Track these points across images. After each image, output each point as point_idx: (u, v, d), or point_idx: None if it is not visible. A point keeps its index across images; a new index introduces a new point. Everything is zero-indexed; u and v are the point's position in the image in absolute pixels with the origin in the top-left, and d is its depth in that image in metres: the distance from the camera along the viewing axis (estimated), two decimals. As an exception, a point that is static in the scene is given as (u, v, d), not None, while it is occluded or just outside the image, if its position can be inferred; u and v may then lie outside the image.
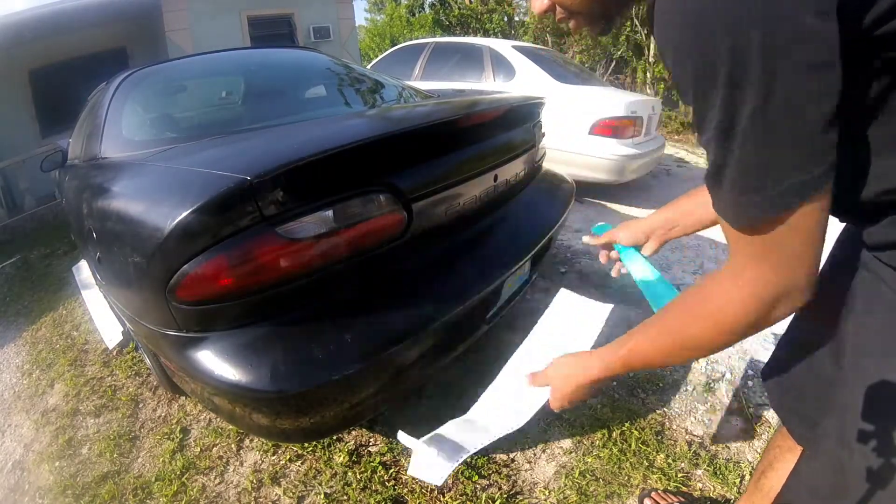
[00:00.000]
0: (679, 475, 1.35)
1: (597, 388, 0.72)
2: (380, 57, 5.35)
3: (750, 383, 1.70)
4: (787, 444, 0.89)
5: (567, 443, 1.49)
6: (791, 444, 0.86)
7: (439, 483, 0.75)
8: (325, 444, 1.50)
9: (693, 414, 1.62)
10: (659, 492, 1.29)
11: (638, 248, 0.89)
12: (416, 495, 1.33)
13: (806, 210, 0.44)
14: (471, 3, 12.06)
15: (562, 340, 0.89)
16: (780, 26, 0.38)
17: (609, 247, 0.93)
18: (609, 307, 0.93)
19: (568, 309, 0.96)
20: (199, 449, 1.57)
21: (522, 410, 0.80)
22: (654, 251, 0.88)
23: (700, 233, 3.27)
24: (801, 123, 0.41)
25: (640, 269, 0.86)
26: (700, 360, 1.85)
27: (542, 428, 1.53)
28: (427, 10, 13.16)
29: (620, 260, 0.90)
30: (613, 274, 0.92)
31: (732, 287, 0.52)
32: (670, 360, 0.66)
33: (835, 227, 0.61)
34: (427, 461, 0.79)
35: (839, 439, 0.61)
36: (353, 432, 1.54)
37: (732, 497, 1.29)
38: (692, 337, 0.57)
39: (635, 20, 8.35)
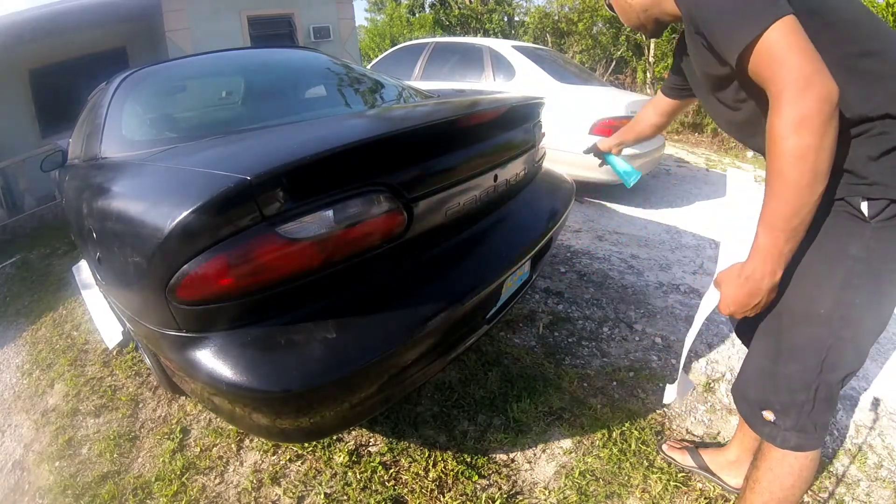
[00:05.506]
0: (679, 475, 1.35)
1: (760, 286, 0.81)
2: (380, 57, 5.35)
3: (750, 383, 1.70)
4: None
5: (567, 443, 1.49)
6: None
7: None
8: (325, 444, 1.50)
9: (693, 414, 1.62)
10: (673, 439, 1.47)
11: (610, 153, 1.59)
12: (416, 495, 1.33)
13: (783, 25, 0.69)
14: (471, 3, 12.07)
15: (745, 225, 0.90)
16: None
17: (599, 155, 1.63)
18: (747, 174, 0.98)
19: (739, 189, 0.97)
20: (199, 449, 1.57)
21: (698, 315, 0.95)
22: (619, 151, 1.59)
23: (700, 233, 3.27)
24: None
25: (618, 163, 1.57)
26: (700, 360, 1.85)
27: (543, 428, 1.53)
28: (427, 10, 13.17)
29: (604, 159, 1.61)
30: (598, 167, 1.69)
31: (776, 104, 0.72)
32: (794, 196, 0.74)
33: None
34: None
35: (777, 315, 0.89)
36: (353, 432, 1.54)
37: (732, 497, 1.29)
38: (786, 166, 0.72)
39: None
